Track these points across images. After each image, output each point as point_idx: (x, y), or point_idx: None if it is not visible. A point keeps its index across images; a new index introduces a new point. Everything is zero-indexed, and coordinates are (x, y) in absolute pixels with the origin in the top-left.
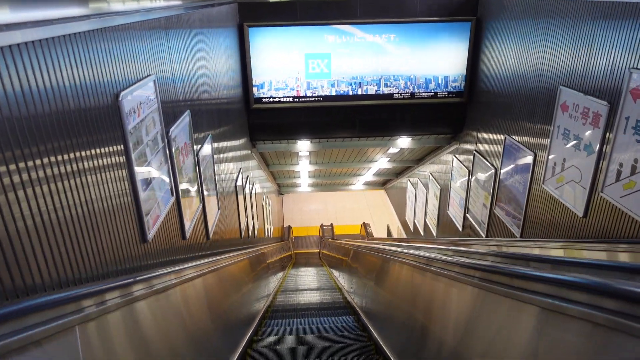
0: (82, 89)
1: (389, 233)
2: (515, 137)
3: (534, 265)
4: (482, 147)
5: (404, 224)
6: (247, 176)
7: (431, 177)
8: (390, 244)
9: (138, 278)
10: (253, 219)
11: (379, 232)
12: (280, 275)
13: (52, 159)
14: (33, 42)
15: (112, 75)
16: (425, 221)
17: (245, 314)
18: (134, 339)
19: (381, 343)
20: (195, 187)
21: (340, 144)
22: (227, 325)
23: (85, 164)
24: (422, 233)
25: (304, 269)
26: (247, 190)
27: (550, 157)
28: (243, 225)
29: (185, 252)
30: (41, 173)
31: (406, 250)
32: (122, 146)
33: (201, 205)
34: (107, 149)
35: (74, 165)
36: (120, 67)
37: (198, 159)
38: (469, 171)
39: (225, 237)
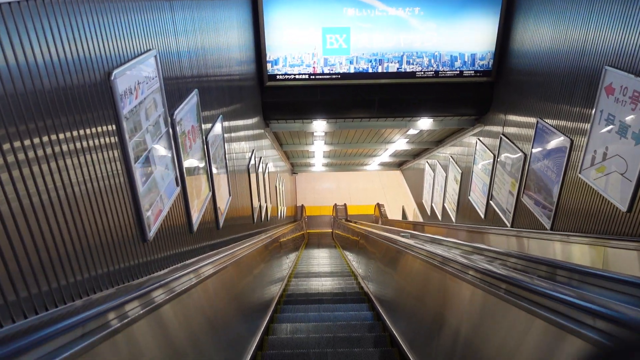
0: (69, 67)
1: (404, 215)
2: (549, 121)
3: (561, 273)
4: (510, 130)
5: (421, 207)
6: (260, 157)
7: (451, 159)
8: (406, 233)
9: (147, 288)
10: (266, 201)
11: (393, 213)
12: (293, 257)
13: (31, 154)
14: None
15: (103, 50)
16: (443, 205)
17: (259, 303)
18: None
19: (396, 335)
20: (204, 173)
21: (358, 124)
22: (242, 316)
23: (70, 158)
24: (439, 217)
25: (316, 251)
26: (260, 172)
27: (590, 144)
28: (256, 208)
29: (192, 245)
30: (16, 173)
31: (423, 246)
32: (115, 134)
33: (210, 193)
34: (97, 138)
35: (57, 159)
36: (113, 40)
37: (207, 142)
38: (494, 156)
39: (237, 223)
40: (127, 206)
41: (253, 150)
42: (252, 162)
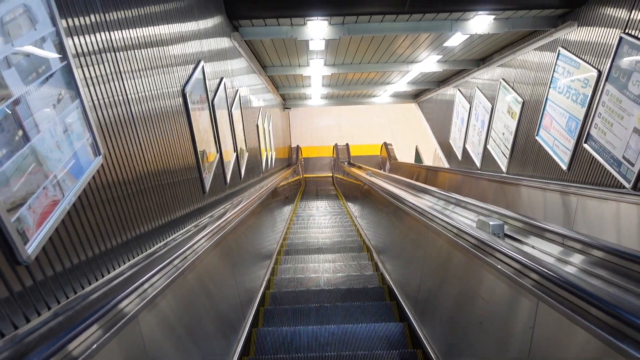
0: None
1: (418, 157)
2: None
3: None
4: None
5: (446, 149)
6: (221, 79)
7: (503, 84)
8: (489, 213)
9: None
10: (236, 150)
11: (403, 154)
12: (288, 211)
13: None
14: None
15: None
16: (485, 147)
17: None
18: None
19: None
20: None
21: (377, 26)
22: None
23: None
24: (478, 164)
25: (315, 203)
26: (217, 105)
27: None
28: (210, 166)
29: None
30: None
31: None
32: None
33: None
34: None
35: None
36: None
37: None
38: (600, 73)
39: (144, 209)
40: None
41: (199, 64)
42: (197, 92)
